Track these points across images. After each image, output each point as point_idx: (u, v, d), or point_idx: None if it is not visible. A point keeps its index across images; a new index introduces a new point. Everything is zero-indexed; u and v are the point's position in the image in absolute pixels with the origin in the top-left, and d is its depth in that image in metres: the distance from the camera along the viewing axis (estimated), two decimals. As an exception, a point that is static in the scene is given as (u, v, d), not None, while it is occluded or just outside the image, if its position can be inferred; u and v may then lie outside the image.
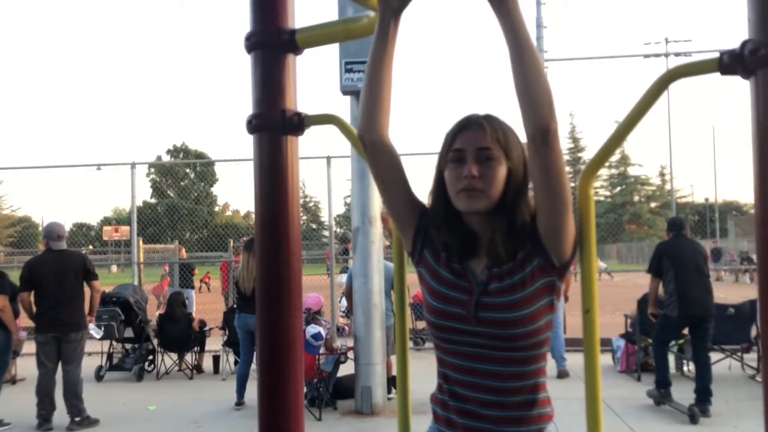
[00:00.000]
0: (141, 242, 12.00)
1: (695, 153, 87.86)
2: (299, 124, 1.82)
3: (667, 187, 49.12)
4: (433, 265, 1.65)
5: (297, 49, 1.84)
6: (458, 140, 1.56)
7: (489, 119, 1.58)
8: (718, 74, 1.32)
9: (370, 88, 1.61)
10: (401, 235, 1.74)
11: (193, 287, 13.13)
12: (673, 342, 7.16)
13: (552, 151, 1.41)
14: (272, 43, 1.81)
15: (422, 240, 1.68)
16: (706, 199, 45.73)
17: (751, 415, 5.88)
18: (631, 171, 58.61)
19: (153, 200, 51.21)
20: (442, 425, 1.65)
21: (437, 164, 1.63)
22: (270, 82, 1.82)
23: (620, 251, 42.19)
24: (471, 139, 1.54)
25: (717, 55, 1.28)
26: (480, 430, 1.57)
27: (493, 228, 1.56)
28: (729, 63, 1.26)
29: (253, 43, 1.82)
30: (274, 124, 1.80)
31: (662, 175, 56.85)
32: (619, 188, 58.24)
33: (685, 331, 6.58)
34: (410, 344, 2.13)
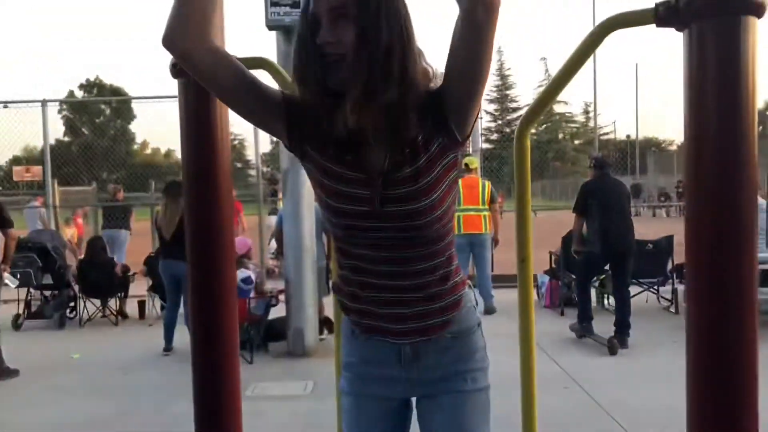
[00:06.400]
0: (56, 184, 11.40)
1: (618, 90, 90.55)
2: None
3: (591, 124, 50.55)
4: (319, 159, 1.48)
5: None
6: None
7: None
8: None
9: None
10: (272, 135, 1.54)
11: (129, 228, 11.61)
12: (594, 277, 7.45)
13: (493, 24, 1.28)
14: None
15: (299, 132, 1.48)
16: (628, 136, 47.36)
17: (666, 344, 6.21)
18: (557, 108, 59.87)
19: (67, 138, 48.77)
20: (355, 316, 1.57)
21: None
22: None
23: (545, 188, 43.30)
24: None
25: (652, 5, 1.24)
26: (401, 315, 1.51)
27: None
28: (664, 15, 1.23)
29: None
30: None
31: (586, 112, 58.42)
32: (544, 126, 59.50)
33: (606, 266, 6.84)
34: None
